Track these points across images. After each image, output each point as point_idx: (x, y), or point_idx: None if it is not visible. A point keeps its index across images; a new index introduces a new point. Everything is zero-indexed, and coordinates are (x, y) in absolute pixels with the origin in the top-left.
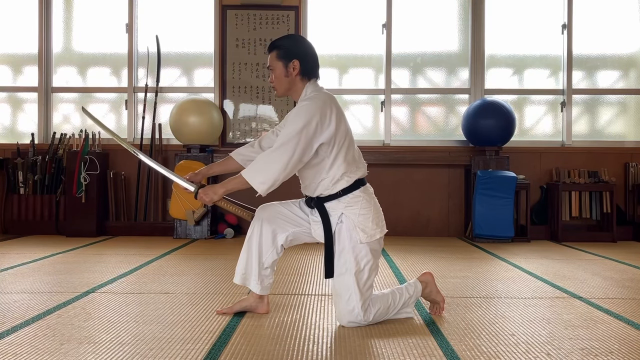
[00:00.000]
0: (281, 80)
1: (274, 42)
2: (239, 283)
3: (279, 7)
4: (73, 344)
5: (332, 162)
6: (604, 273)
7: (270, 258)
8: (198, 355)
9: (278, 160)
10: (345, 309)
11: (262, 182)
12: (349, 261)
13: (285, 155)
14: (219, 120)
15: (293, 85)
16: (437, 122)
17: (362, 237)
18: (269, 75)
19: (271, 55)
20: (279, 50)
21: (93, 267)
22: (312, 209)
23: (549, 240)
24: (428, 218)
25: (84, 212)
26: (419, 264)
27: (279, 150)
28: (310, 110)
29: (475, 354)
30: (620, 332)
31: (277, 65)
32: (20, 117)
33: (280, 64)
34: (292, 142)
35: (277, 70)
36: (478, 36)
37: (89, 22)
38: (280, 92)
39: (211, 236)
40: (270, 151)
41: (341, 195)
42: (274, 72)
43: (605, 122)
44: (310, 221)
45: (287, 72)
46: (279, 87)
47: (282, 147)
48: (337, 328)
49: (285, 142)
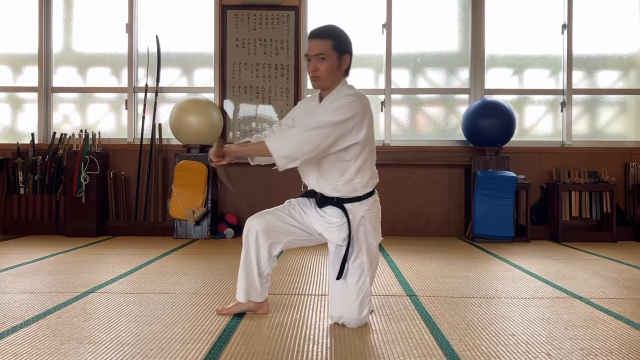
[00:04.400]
0: (331, 72)
1: (328, 29)
2: (243, 300)
3: (279, 7)
4: (73, 344)
5: (363, 164)
6: (604, 273)
7: (269, 269)
8: (198, 355)
9: (310, 140)
10: (356, 310)
11: (285, 156)
12: (365, 262)
13: (318, 138)
14: (219, 120)
15: (336, 79)
16: (437, 122)
17: (375, 238)
18: (308, 62)
19: (324, 43)
20: (334, 40)
21: (93, 267)
22: (322, 207)
23: (549, 240)
24: (428, 218)
25: (84, 212)
26: (419, 264)
27: (313, 131)
28: (354, 108)
29: (475, 354)
30: (620, 332)
31: (332, 55)
32: (20, 117)
33: (334, 55)
34: (328, 129)
35: (330, 60)
36: (478, 36)
37: (89, 22)
38: (325, 84)
39: (211, 236)
40: (302, 129)
41: (365, 198)
42: (325, 61)
43: (605, 122)
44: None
45: (339, 65)
46: (326, 78)
47: (318, 130)
48: (337, 328)
49: (321, 126)
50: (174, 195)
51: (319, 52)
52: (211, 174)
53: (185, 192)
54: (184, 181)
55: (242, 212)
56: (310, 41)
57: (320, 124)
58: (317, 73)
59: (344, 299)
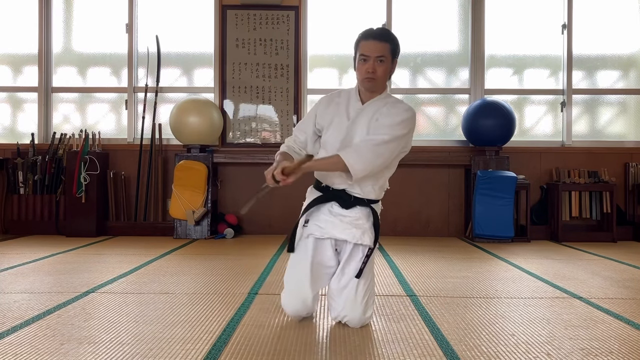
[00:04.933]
0: (386, 75)
1: (388, 32)
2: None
3: (279, 7)
4: (73, 344)
5: (392, 169)
6: (604, 273)
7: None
8: (198, 355)
9: (384, 154)
10: (361, 311)
11: (362, 170)
12: (373, 263)
13: (390, 152)
14: (219, 120)
15: (385, 83)
16: (437, 122)
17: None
18: (363, 61)
19: (385, 45)
20: (392, 44)
21: (93, 267)
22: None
23: (549, 240)
24: (428, 218)
25: (84, 212)
26: (418, 264)
27: (385, 145)
28: (413, 121)
29: (475, 354)
30: (620, 332)
31: (389, 59)
32: (20, 117)
33: (390, 58)
34: (396, 142)
35: (387, 64)
36: (478, 36)
37: (89, 22)
38: (379, 86)
39: (211, 236)
40: (375, 144)
41: (379, 200)
42: (383, 64)
43: (605, 122)
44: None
45: (392, 69)
46: (382, 80)
47: (389, 145)
48: (337, 328)
49: (392, 140)
50: (174, 195)
51: (380, 53)
52: (210, 175)
53: (185, 192)
54: (184, 181)
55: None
56: (370, 42)
57: (391, 138)
58: (375, 75)
59: (350, 299)
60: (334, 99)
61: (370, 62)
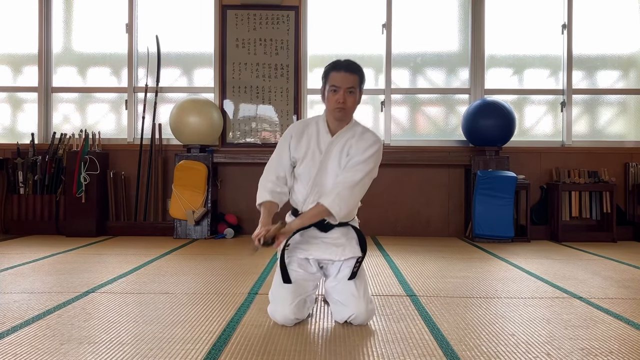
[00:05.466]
0: (355, 104)
1: (356, 65)
2: None
3: (279, 7)
4: (73, 344)
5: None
6: (604, 273)
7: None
8: (198, 355)
9: (361, 191)
10: (365, 306)
11: (345, 212)
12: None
13: (365, 187)
14: (219, 120)
15: (353, 112)
16: (437, 122)
17: None
18: (333, 92)
19: (354, 77)
20: (360, 76)
21: (93, 267)
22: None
23: (549, 240)
24: (428, 218)
25: (84, 212)
26: (419, 264)
27: (361, 184)
28: (380, 152)
29: (475, 354)
30: (620, 332)
31: (357, 90)
32: (20, 117)
33: (358, 90)
34: (369, 176)
35: (356, 94)
36: (478, 36)
37: (89, 22)
38: (349, 115)
39: (211, 236)
40: (352, 185)
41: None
42: (352, 95)
43: (605, 122)
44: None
45: (359, 99)
46: (351, 110)
47: (364, 181)
48: (337, 328)
49: (365, 175)
50: (174, 195)
51: (351, 85)
52: (210, 175)
53: (185, 192)
54: (184, 181)
55: (242, 212)
56: (341, 73)
57: (364, 174)
58: (345, 105)
59: (353, 295)
60: (304, 130)
61: (340, 93)
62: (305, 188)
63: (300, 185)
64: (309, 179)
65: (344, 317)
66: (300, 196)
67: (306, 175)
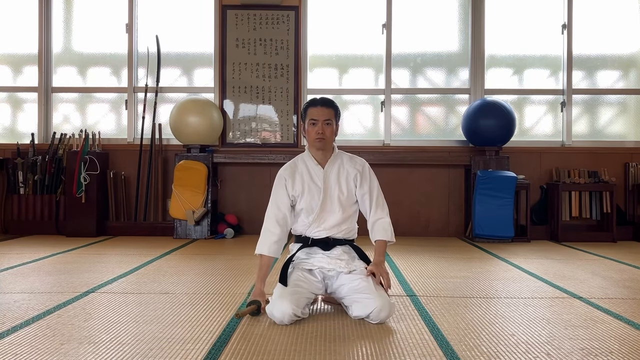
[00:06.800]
0: (332, 134)
1: (330, 100)
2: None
3: (279, 7)
4: (73, 344)
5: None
6: (604, 273)
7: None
8: (198, 355)
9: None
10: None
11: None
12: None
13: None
14: (219, 120)
15: (332, 142)
16: (437, 122)
17: None
18: (313, 125)
19: (330, 110)
20: (335, 110)
21: (93, 267)
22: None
23: (549, 240)
24: (428, 218)
25: (84, 212)
26: (419, 264)
27: (386, 209)
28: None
29: (475, 354)
30: (620, 332)
31: (334, 122)
32: (20, 117)
33: (335, 122)
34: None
35: (332, 126)
36: (478, 36)
37: (89, 22)
38: (329, 144)
39: (211, 236)
40: (385, 213)
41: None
42: (330, 126)
43: (605, 122)
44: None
45: (336, 130)
46: (330, 139)
47: (385, 206)
48: (337, 328)
49: (380, 191)
50: (174, 195)
51: (327, 117)
52: (210, 175)
53: (185, 192)
54: (184, 181)
55: (242, 212)
56: (318, 108)
57: (378, 190)
58: (324, 135)
59: (376, 292)
60: (295, 170)
61: (319, 125)
62: (309, 218)
63: (303, 216)
64: (312, 210)
65: (367, 311)
66: (303, 225)
67: (309, 207)
